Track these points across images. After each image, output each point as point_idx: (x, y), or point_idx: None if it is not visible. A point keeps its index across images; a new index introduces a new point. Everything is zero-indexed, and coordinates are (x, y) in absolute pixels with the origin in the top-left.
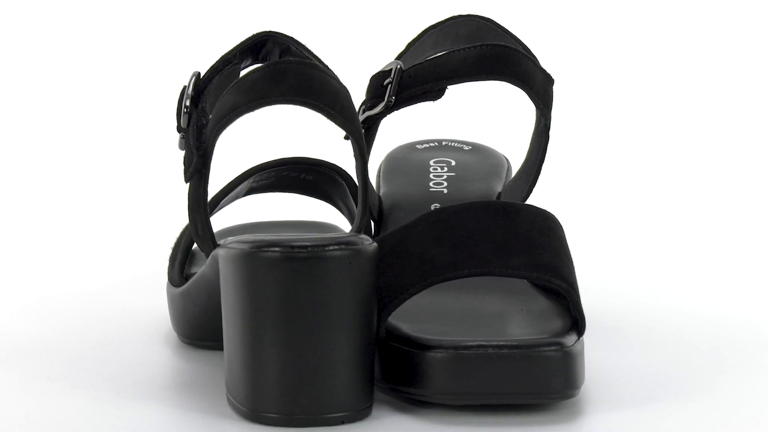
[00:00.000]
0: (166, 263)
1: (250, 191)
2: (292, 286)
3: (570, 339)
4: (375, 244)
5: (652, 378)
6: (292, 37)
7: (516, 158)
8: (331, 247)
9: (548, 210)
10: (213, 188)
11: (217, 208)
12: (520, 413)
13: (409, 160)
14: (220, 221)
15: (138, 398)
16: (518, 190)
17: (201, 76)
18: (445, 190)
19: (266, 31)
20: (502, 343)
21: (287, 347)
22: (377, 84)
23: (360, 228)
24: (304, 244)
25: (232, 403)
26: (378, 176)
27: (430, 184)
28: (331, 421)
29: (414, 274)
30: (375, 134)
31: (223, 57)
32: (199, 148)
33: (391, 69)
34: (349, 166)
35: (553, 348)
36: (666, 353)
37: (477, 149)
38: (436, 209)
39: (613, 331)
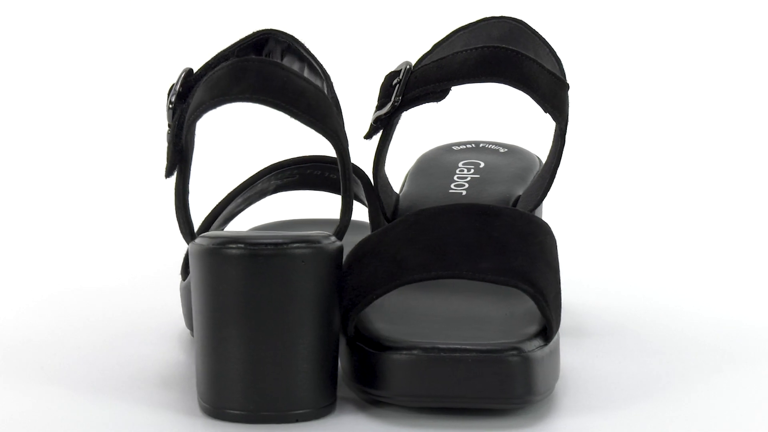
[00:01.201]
0: None
1: (277, 189)
2: (252, 283)
3: (531, 344)
4: (339, 243)
5: (638, 382)
6: (292, 36)
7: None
8: (292, 245)
9: (534, 215)
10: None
11: (243, 203)
12: (486, 418)
13: (438, 161)
14: (248, 219)
15: (115, 392)
16: (534, 194)
17: (194, 73)
18: (464, 192)
19: (267, 29)
20: (455, 345)
21: (245, 344)
22: (387, 84)
23: (342, 228)
24: (266, 241)
25: (198, 399)
26: (406, 176)
27: (451, 185)
28: (287, 418)
29: (384, 274)
30: (391, 133)
31: (218, 54)
32: (176, 144)
33: (401, 69)
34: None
35: (511, 353)
36: (660, 356)
37: (512, 151)
38: (416, 211)
39: (611, 332)
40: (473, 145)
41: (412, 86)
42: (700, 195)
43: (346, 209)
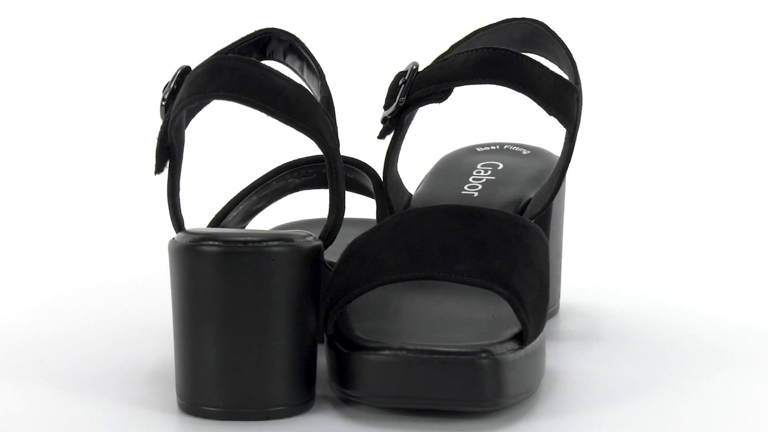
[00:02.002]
0: None
1: (297, 187)
2: (224, 280)
3: (503, 347)
4: (315, 242)
5: (630, 385)
6: (293, 35)
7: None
8: (264, 243)
9: (523, 218)
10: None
11: (260, 201)
12: (460, 420)
13: (458, 162)
14: (270, 217)
15: (105, 389)
16: (543, 197)
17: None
18: (476, 194)
19: (268, 28)
20: (424, 347)
21: (218, 340)
22: (394, 84)
23: (329, 227)
24: (240, 238)
25: (176, 396)
26: (425, 176)
27: (465, 187)
28: (260, 415)
29: (364, 274)
30: (402, 133)
31: (218, 52)
32: (163, 141)
33: (408, 69)
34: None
35: (480, 355)
36: (662, 361)
37: (535, 153)
38: (403, 211)
39: (619, 336)
40: (497, 146)
41: (416, 87)
42: (712, 198)
43: (333, 209)
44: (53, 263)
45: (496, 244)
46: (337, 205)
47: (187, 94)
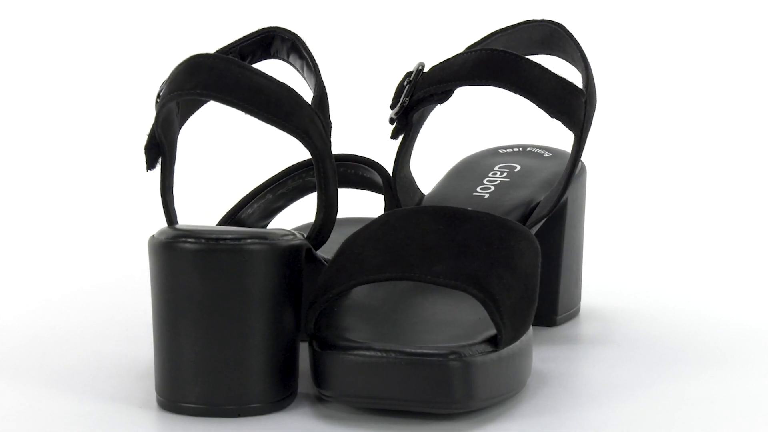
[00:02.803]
0: None
1: (314, 187)
2: (199, 277)
3: (473, 349)
4: (295, 241)
5: (614, 387)
6: (295, 34)
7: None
8: (236, 241)
9: (513, 221)
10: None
11: (278, 199)
12: (434, 421)
13: (477, 164)
14: (290, 216)
15: (92, 386)
16: (550, 200)
17: None
18: (486, 195)
19: (271, 27)
20: (392, 348)
21: (193, 337)
22: (401, 84)
23: (317, 227)
24: (215, 236)
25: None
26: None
27: (477, 188)
28: (231, 412)
29: (345, 273)
30: (413, 134)
31: (219, 50)
32: (152, 138)
33: (414, 70)
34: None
35: (450, 357)
36: (665, 366)
37: (555, 156)
38: (390, 211)
39: (620, 337)
40: (521, 148)
41: (420, 87)
42: (736, 200)
43: (321, 209)
44: (54, 263)
45: (477, 247)
46: (326, 205)
47: (167, 91)
